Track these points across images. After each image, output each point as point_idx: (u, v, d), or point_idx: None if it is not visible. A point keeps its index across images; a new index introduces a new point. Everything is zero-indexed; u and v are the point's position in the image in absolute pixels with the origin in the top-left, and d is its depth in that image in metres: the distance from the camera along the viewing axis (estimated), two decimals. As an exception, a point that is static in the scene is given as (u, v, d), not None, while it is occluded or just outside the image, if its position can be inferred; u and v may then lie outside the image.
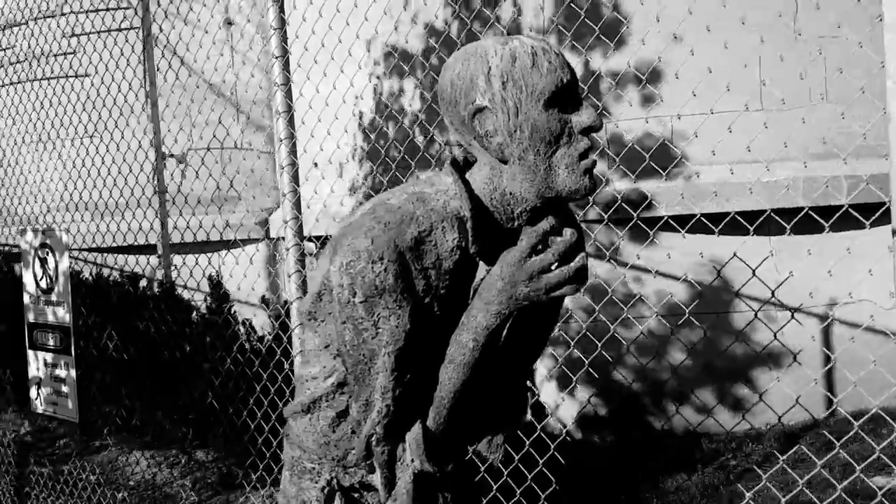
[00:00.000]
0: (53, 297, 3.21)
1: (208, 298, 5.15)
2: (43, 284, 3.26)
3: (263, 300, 5.40)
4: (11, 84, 7.43)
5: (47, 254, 3.24)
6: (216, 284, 4.89)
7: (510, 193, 1.18)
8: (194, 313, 4.87)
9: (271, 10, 2.44)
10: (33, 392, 3.33)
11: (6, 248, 6.42)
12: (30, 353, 3.34)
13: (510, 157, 1.16)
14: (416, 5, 4.97)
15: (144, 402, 4.16)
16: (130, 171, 5.20)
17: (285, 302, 4.81)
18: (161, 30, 6.08)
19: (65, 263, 3.17)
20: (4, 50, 7.72)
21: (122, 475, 4.61)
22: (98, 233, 5.77)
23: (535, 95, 1.13)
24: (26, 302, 3.35)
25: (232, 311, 4.64)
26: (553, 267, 1.12)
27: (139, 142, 5.97)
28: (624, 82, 4.28)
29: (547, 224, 1.13)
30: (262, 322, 5.56)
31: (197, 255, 6.05)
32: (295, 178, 2.49)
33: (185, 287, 5.24)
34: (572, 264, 1.11)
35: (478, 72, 1.15)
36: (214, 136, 6.63)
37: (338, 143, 5.27)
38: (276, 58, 2.44)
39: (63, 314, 3.17)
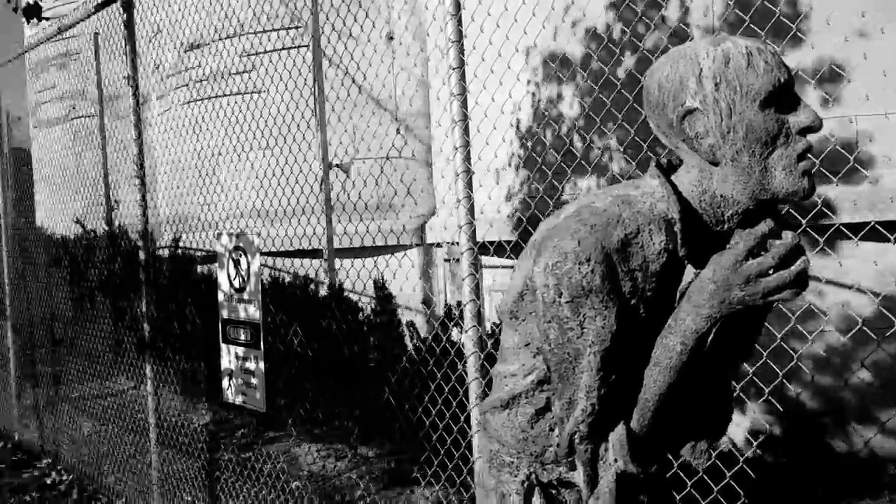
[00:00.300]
0: (245, 296, 3.49)
1: (373, 301, 5.39)
2: (236, 284, 3.55)
3: (424, 302, 5.57)
4: (196, 101, 8.14)
5: (240, 255, 3.53)
6: (381, 287, 5.11)
7: (721, 196, 1.17)
8: (360, 314, 5.12)
9: (450, 23, 2.53)
10: (225, 383, 3.63)
11: (194, 252, 7.02)
12: (223, 346, 3.64)
13: (722, 159, 1.15)
14: (576, 13, 4.96)
15: (327, 399, 4.42)
16: (296, 181, 5.56)
17: (448, 304, 4.94)
18: (334, 49, 6.46)
19: (256, 265, 3.44)
20: (190, 69, 8.47)
21: (295, 465, 4.91)
22: (270, 238, 6.19)
23: (750, 96, 1.12)
24: (220, 300, 3.66)
25: (397, 313, 4.82)
26: (770, 271, 1.09)
27: (306, 153, 6.36)
28: (800, 82, 4.05)
29: (766, 227, 1.11)
30: (419, 323, 5.75)
31: (353, 260, 6.34)
32: (469, 185, 2.56)
33: (351, 291, 5.52)
34: (793, 268, 1.08)
35: (688, 73, 1.15)
36: (376, 146, 6.95)
37: (495, 151, 5.35)
38: (454, 69, 2.53)
39: (253, 311, 3.44)
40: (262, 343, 3.41)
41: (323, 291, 5.88)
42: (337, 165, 7.21)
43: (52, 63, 11.52)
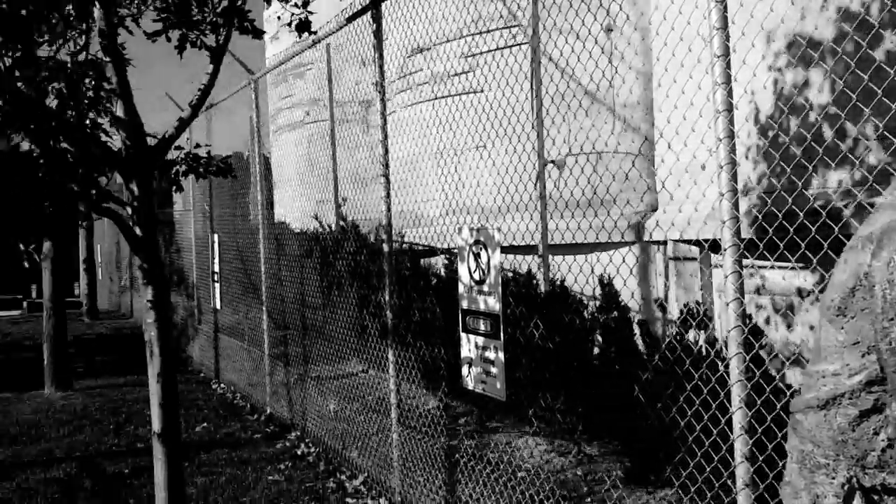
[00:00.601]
0: (485, 288, 3.63)
1: (595, 298, 5.36)
2: (476, 276, 3.70)
3: (658, 302, 5.44)
4: (418, 103, 8.57)
5: (480, 249, 3.67)
6: (607, 284, 5.06)
7: None
8: (585, 311, 5.10)
9: (714, 11, 2.46)
10: (465, 370, 3.79)
11: (418, 246, 7.40)
12: (462, 335, 3.81)
13: None
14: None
15: (551, 394, 4.47)
16: (511, 179, 5.65)
17: (687, 304, 4.79)
18: (555, 44, 6.49)
19: (496, 258, 3.56)
20: (414, 73, 8.93)
21: (519, 456, 5.01)
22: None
23: None
24: (460, 291, 3.83)
25: (628, 312, 4.75)
26: None
27: (520, 151, 6.47)
28: None
29: None
30: (637, 319, 5.62)
31: (565, 256, 6.33)
32: (735, 178, 2.47)
33: (560, 286, 5.52)
34: None
35: None
36: (589, 140, 6.85)
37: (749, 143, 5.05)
38: (718, 57, 2.45)
39: (493, 303, 3.57)
40: (501, 334, 3.52)
41: (543, 288, 5.94)
42: (551, 162, 7.25)
43: (290, 73, 12.64)
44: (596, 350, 4.96)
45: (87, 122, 2.83)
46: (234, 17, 3.05)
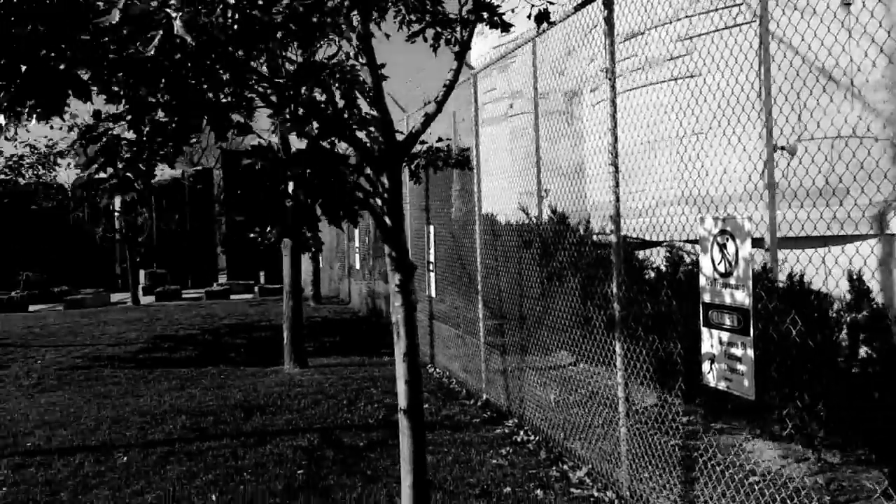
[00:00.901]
0: (731, 281, 3.46)
1: (834, 298, 4.94)
2: (721, 268, 3.54)
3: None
4: (630, 90, 8.34)
5: (727, 240, 3.50)
6: (857, 281, 4.64)
7: None
8: (830, 309, 4.71)
9: None
10: (706, 367, 3.65)
11: (632, 239, 7.22)
12: (704, 330, 3.66)
13: None
14: None
15: (814, 397, 4.19)
16: (734, 169, 5.31)
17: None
18: (780, 26, 6.05)
19: (745, 250, 3.38)
20: (626, 59, 8.70)
21: (748, 460, 4.74)
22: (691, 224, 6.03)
23: None
24: (702, 284, 3.68)
25: (885, 311, 4.33)
26: None
27: (741, 136, 6.07)
28: None
29: None
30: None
31: (793, 249, 5.83)
32: None
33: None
34: None
35: None
36: (823, 125, 6.25)
37: None
38: None
39: (742, 297, 3.39)
40: (751, 329, 3.34)
41: (778, 283, 5.56)
42: (781, 148, 6.77)
43: (494, 66, 12.82)
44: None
45: (358, 120, 3.04)
46: (483, 13, 3.14)
